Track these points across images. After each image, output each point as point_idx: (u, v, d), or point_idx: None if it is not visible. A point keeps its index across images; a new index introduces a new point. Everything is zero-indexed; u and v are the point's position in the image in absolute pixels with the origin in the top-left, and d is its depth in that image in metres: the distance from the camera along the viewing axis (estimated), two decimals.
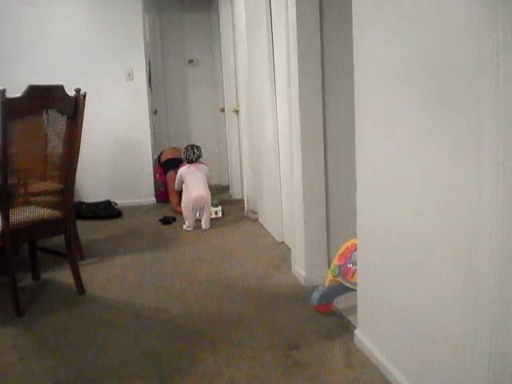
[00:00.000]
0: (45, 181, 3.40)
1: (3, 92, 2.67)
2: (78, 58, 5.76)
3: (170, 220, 5.12)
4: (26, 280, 3.44)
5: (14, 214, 2.88)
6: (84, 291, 3.21)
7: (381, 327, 2.18)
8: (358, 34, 2.19)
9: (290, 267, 3.49)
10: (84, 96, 3.57)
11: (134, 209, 5.86)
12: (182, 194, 5.07)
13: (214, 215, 5.19)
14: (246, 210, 5.36)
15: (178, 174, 5.00)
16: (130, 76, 5.98)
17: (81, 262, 3.58)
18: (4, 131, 2.72)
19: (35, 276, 3.47)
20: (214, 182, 6.75)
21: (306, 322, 2.67)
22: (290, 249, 3.63)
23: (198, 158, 5.02)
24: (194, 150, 4.99)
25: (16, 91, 2.75)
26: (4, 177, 2.80)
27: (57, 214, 3.12)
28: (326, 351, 2.35)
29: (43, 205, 3.16)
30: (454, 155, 1.54)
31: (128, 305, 3.05)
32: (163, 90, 7.16)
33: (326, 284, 2.75)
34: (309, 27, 2.99)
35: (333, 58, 3.06)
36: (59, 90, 2.99)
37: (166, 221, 5.11)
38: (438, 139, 1.62)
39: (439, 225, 1.65)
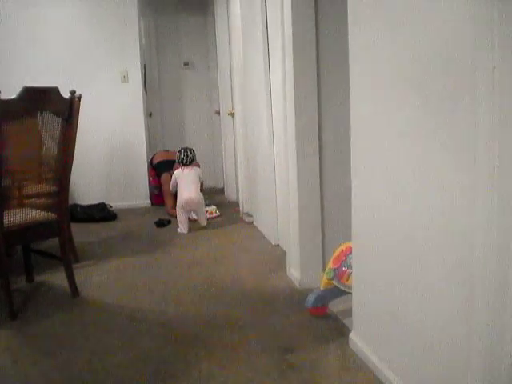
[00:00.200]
0: (39, 183, 3.39)
1: None
2: (73, 60, 5.76)
3: (164, 223, 5.12)
4: (19, 282, 3.42)
5: (9, 216, 2.87)
6: (78, 294, 3.19)
7: (376, 330, 2.18)
8: (354, 36, 2.19)
9: (285, 270, 3.49)
10: (79, 98, 3.57)
11: (128, 211, 5.84)
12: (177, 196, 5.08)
13: (214, 214, 5.27)
14: (241, 212, 5.37)
15: (173, 176, 5.01)
16: (125, 78, 5.98)
17: (75, 265, 3.56)
18: None
19: (29, 278, 3.46)
20: (209, 184, 6.75)
21: (300, 326, 2.67)
22: (285, 252, 3.63)
23: (192, 161, 5.04)
24: (188, 153, 5.01)
25: (11, 93, 2.75)
26: None
27: (51, 216, 3.11)
28: (320, 354, 2.35)
29: (38, 207, 3.15)
30: (449, 158, 1.54)
31: (122, 308, 3.04)
32: (158, 92, 7.16)
33: (321, 287, 2.75)
34: (304, 33, 3.00)
35: (328, 62, 3.07)
36: (54, 92, 2.99)
37: (161, 223, 5.11)
38: (434, 141, 1.62)
39: (434, 228, 1.65)
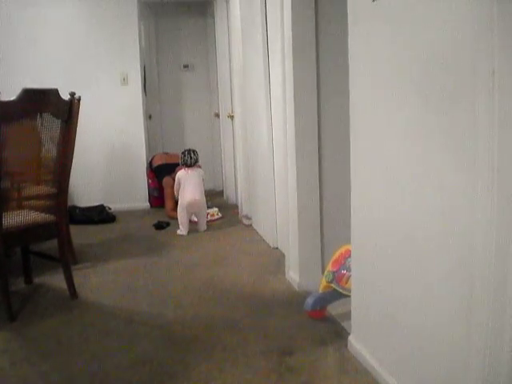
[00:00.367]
0: (38, 185, 3.39)
1: None
2: (73, 62, 5.76)
3: (163, 225, 5.12)
4: (18, 284, 3.42)
5: (7, 217, 2.86)
6: (77, 296, 3.19)
7: (375, 333, 2.18)
8: (354, 37, 2.19)
9: (283, 273, 3.48)
10: (78, 100, 3.57)
11: (127, 213, 5.84)
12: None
13: (216, 216, 5.30)
14: (240, 215, 5.36)
15: (176, 178, 4.99)
16: (125, 81, 5.98)
17: (74, 267, 3.56)
18: None
19: (28, 280, 3.45)
20: (209, 187, 6.75)
21: (299, 328, 2.67)
22: (283, 254, 3.63)
23: (196, 163, 5.02)
24: (191, 155, 4.99)
25: (10, 94, 2.75)
26: None
27: (50, 218, 3.11)
28: (319, 357, 2.34)
29: (37, 209, 3.14)
30: (449, 158, 1.54)
31: (121, 310, 3.03)
32: (158, 94, 7.16)
33: (320, 290, 2.75)
34: (304, 33, 3.00)
35: (328, 63, 3.07)
36: (54, 93, 2.99)
37: (160, 226, 5.10)
38: (434, 142, 1.62)
39: (433, 230, 1.65)
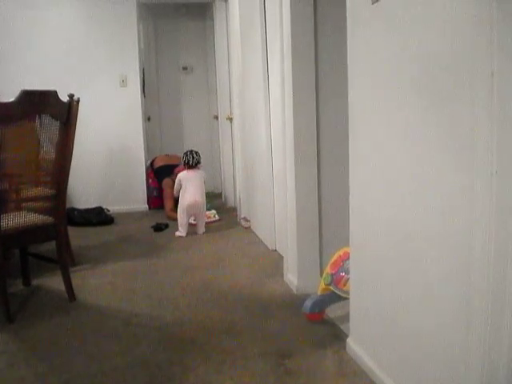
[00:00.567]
0: (37, 186, 3.39)
1: None
2: (72, 64, 5.77)
3: (162, 227, 5.11)
4: (16, 286, 3.41)
5: (6, 219, 2.86)
6: (75, 298, 3.18)
7: (373, 336, 2.18)
8: (353, 37, 2.19)
9: (282, 275, 3.48)
10: (77, 101, 3.56)
11: (126, 215, 5.84)
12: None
13: (213, 218, 5.29)
14: (238, 217, 5.36)
15: (177, 178, 4.99)
16: (123, 82, 5.98)
17: (72, 269, 3.56)
18: None
19: (26, 282, 3.45)
20: (207, 189, 6.73)
21: (298, 331, 2.66)
22: (282, 257, 3.62)
23: (198, 164, 5.02)
24: (193, 155, 4.99)
25: (9, 96, 2.74)
26: None
27: (48, 219, 3.10)
28: (318, 360, 2.34)
29: (35, 210, 3.14)
30: (447, 163, 1.54)
31: (119, 312, 3.03)
32: (157, 96, 7.16)
33: (319, 292, 2.74)
34: (303, 34, 3.00)
35: (327, 63, 3.07)
36: (52, 95, 2.99)
37: (159, 228, 5.10)
38: (432, 146, 1.62)
39: (432, 231, 1.65)
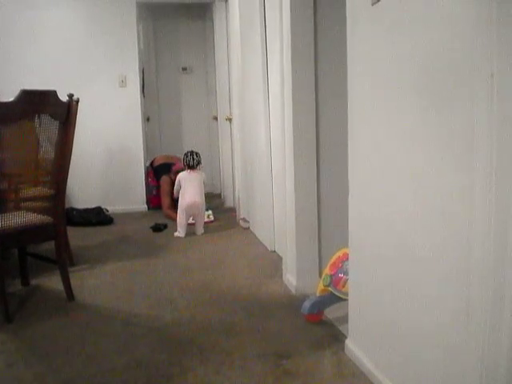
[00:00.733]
0: (36, 186, 3.39)
1: None
2: (71, 64, 5.77)
3: (161, 227, 5.11)
4: (15, 286, 3.41)
5: (5, 219, 2.86)
6: (73, 298, 3.18)
7: (372, 337, 2.18)
8: (352, 37, 2.19)
9: (281, 276, 3.48)
10: (77, 101, 3.56)
11: (125, 216, 5.83)
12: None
13: (207, 219, 5.29)
14: (237, 218, 5.36)
15: (177, 179, 4.99)
16: (123, 83, 5.98)
17: (71, 269, 3.55)
18: None
19: (25, 282, 3.45)
20: (206, 190, 6.73)
21: (296, 332, 2.66)
22: (281, 258, 3.63)
23: (198, 164, 5.02)
24: (194, 156, 4.99)
25: (9, 95, 2.74)
26: None
27: (47, 219, 3.10)
28: (316, 361, 2.34)
29: (34, 210, 3.14)
30: (447, 163, 1.55)
31: (118, 312, 3.03)
32: (156, 97, 7.17)
33: (318, 293, 2.75)
34: (303, 34, 3.01)
35: (327, 66, 3.08)
36: (52, 95, 2.99)
37: (157, 228, 5.10)
38: (432, 148, 1.62)
39: (431, 234, 1.66)
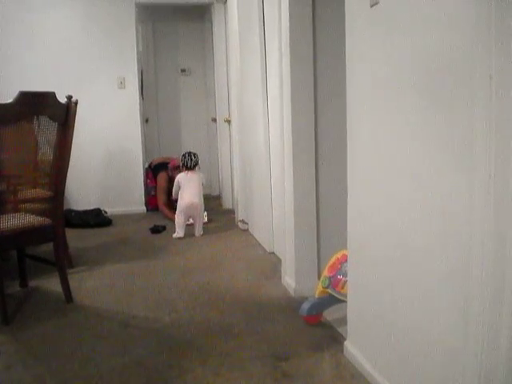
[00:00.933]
0: (35, 188, 3.39)
1: None
2: (70, 65, 5.76)
3: (159, 229, 5.11)
4: (13, 287, 3.40)
5: (3, 220, 2.85)
6: (72, 300, 3.18)
7: (371, 339, 2.18)
8: (351, 37, 2.20)
9: (280, 278, 3.48)
10: (75, 103, 3.56)
11: (124, 217, 5.83)
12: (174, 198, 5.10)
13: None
14: (236, 219, 5.36)
15: (176, 180, 5.00)
16: (122, 84, 5.98)
17: (69, 270, 3.55)
18: None
19: (23, 283, 3.44)
20: (205, 191, 6.73)
21: (295, 333, 2.66)
22: (280, 259, 3.63)
23: (196, 165, 5.02)
24: (192, 157, 5.00)
25: (7, 97, 2.74)
26: None
27: (46, 221, 3.10)
28: (315, 363, 2.34)
29: (33, 212, 3.14)
30: (446, 165, 1.55)
31: (116, 314, 3.03)
32: (155, 98, 7.17)
33: (316, 295, 2.74)
34: (302, 36, 3.00)
35: (325, 66, 3.08)
36: (50, 96, 2.99)
37: (156, 230, 5.10)
38: (432, 146, 1.62)
39: (431, 234, 1.66)
